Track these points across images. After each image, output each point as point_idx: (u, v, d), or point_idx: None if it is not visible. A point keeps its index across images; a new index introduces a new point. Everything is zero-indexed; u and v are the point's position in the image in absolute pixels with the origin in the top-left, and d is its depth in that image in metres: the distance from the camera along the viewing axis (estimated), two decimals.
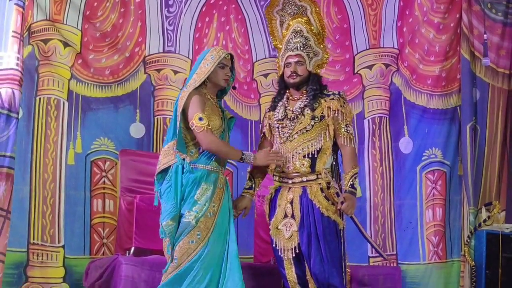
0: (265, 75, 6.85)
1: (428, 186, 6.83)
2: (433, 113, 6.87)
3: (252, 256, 6.09)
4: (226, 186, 4.70)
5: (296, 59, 4.80)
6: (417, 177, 6.83)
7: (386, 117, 6.86)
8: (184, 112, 4.54)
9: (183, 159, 4.51)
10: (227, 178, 4.88)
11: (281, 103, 4.88)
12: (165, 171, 4.57)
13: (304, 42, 4.82)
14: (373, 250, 6.51)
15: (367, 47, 6.97)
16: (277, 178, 4.86)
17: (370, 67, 6.93)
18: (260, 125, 5.10)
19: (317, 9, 4.99)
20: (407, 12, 6.95)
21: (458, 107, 6.87)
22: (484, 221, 6.54)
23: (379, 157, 6.80)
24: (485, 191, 6.77)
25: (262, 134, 5.03)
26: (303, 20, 4.89)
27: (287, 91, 4.91)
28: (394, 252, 6.64)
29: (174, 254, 4.46)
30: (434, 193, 6.82)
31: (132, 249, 5.50)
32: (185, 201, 4.48)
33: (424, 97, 6.88)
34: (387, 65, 6.92)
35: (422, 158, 6.86)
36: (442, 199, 6.81)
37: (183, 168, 4.51)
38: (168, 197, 4.50)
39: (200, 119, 4.47)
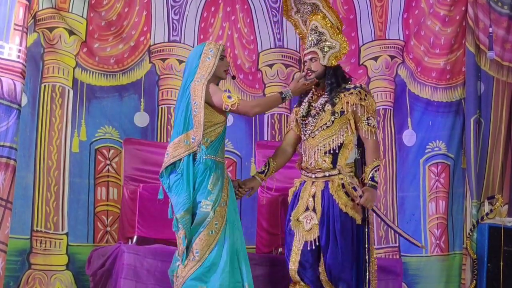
0: (270, 66, 6.84)
1: (431, 178, 6.83)
2: (437, 106, 6.87)
3: (254, 246, 6.11)
4: (229, 176, 4.77)
5: (310, 56, 4.88)
6: (420, 169, 6.83)
7: (391, 109, 6.86)
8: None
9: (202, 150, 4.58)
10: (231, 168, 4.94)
11: (306, 98, 4.97)
12: (173, 163, 4.60)
13: (318, 38, 4.88)
14: (376, 241, 6.56)
15: (373, 39, 6.96)
16: (302, 172, 4.94)
17: (375, 58, 6.93)
18: (289, 119, 5.18)
19: (328, 4, 5.05)
20: (413, 4, 6.93)
21: (462, 100, 6.87)
22: (487, 214, 6.55)
23: (382, 149, 6.79)
24: (488, 184, 6.77)
25: (290, 128, 5.11)
26: (319, 17, 4.95)
27: (313, 88, 4.97)
28: (397, 244, 6.65)
29: (193, 247, 4.49)
30: (438, 186, 6.82)
31: (135, 237, 5.51)
32: (197, 191, 4.53)
33: (429, 89, 6.87)
34: (392, 57, 6.91)
35: (426, 151, 6.85)
36: (445, 192, 6.81)
37: (194, 160, 4.55)
38: (179, 189, 4.53)
39: (229, 97, 4.59)
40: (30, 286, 5.70)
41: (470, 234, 6.55)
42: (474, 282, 6.41)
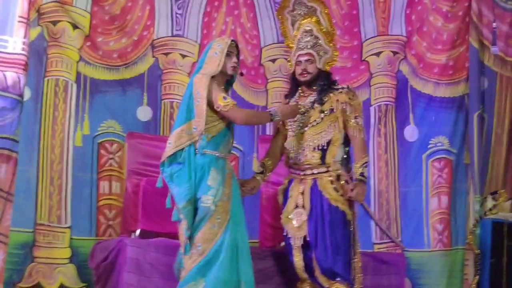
0: (273, 61, 6.85)
1: (434, 174, 6.82)
2: (439, 102, 6.86)
3: (258, 241, 6.11)
4: (232, 172, 4.76)
5: (306, 58, 4.98)
6: (423, 165, 6.84)
7: (392, 105, 6.86)
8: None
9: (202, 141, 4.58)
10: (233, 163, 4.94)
11: (293, 99, 5.07)
12: (174, 153, 4.59)
13: (314, 41, 5.00)
14: (379, 236, 6.57)
15: (375, 34, 6.96)
16: (290, 170, 5.04)
17: (377, 54, 6.93)
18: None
19: (326, 10, 5.16)
20: (416, 0, 6.93)
21: (465, 96, 6.86)
22: (490, 209, 6.55)
23: (384, 145, 6.81)
24: (491, 179, 6.76)
25: (277, 129, 5.20)
26: (313, 20, 5.06)
27: (299, 88, 5.08)
28: (400, 239, 6.65)
29: (196, 241, 4.50)
30: (440, 181, 6.81)
31: (138, 231, 5.53)
32: (198, 187, 4.53)
33: (431, 85, 6.86)
34: (394, 53, 6.91)
35: (428, 146, 6.85)
36: (447, 187, 6.81)
37: (195, 150, 4.56)
38: (181, 180, 4.54)
39: (224, 98, 4.58)
40: (33, 279, 5.71)
41: (473, 229, 6.55)
42: (477, 277, 6.41)
